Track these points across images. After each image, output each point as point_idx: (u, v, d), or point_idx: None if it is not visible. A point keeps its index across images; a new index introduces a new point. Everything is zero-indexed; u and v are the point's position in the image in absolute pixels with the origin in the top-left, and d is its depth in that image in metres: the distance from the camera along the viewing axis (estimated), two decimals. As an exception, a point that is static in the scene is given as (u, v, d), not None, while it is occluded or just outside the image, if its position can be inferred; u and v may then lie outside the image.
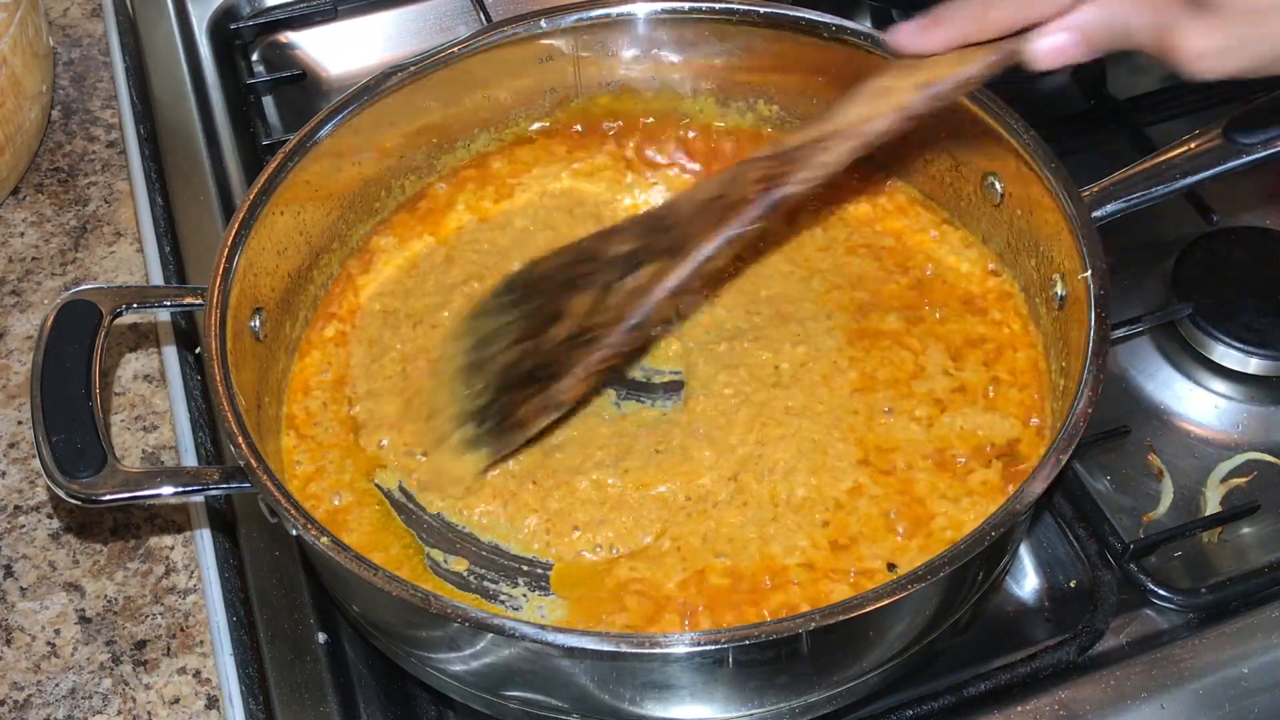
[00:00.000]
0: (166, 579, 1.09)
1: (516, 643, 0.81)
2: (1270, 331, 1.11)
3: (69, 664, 1.05)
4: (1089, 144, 1.32)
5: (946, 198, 1.15)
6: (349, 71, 1.46)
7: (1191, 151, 1.01)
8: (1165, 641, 0.98)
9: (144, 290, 1.09)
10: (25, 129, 1.34)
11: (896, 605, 0.81)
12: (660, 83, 1.21)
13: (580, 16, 1.16)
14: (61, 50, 1.54)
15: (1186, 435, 1.11)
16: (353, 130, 1.10)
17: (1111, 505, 1.06)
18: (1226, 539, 1.06)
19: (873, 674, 0.90)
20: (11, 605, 1.08)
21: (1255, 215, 1.25)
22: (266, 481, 0.87)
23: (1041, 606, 1.03)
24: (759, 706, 0.88)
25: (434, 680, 0.93)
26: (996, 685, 0.96)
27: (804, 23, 1.13)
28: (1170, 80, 1.40)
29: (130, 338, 1.25)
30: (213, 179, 1.30)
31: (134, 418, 1.20)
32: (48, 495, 1.15)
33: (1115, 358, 1.15)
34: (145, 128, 1.35)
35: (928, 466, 1.00)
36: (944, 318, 1.09)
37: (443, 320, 1.09)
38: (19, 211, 1.38)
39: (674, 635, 0.79)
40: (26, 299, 1.30)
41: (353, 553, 0.84)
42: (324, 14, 1.48)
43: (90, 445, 0.90)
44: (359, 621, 0.96)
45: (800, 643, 0.81)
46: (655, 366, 1.08)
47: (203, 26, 1.46)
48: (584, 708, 0.88)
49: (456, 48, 1.14)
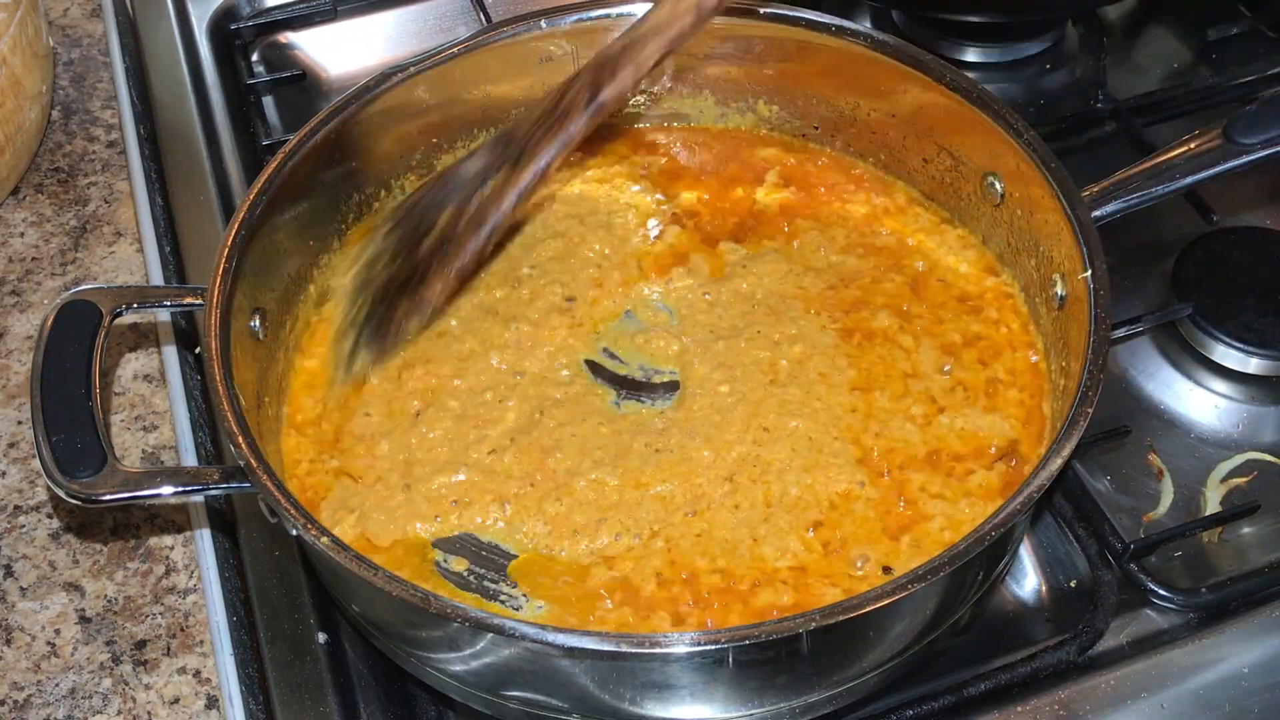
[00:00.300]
0: (166, 579, 1.09)
1: (516, 643, 0.81)
2: (1270, 331, 1.11)
3: (69, 664, 1.05)
4: (1089, 144, 1.32)
5: (946, 197, 1.15)
6: (349, 71, 1.46)
7: (1191, 151, 1.01)
8: (1165, 641, 0.98)
9: (144, 290, 1.09)
10: (25, 129, 1.34)
11: (896, 605, 0.81)
12: (660, 83, 1.21)
13: (580, 16, 1.16)
14: (61, 50, 1.54)
15: (1186, 435, 1.11)
16: (353, 130, 1.10)
17: (1111, 505, 1.06)
18: (1226, 539, 1.06)
19: (873, 674, 0.90)
20: (11, 605, 1.08)
21: (1255, 215, 1.25)
22: (266, 481, 0.87)
23: (1041, 606, 1.03)
24: (759, 706, 0.88)
25: (434, 680, 0.93)
26: (996, 685, 0.96)
27: (804, 22, 1.14)
28: (1170, 80, 1.40)
29: (130, 338, 1.25)
30: (213, 179, 1.30)
31: (134, 418, 1.20)
32: (48, 495, 1.15)
33: (1115, 358, 1.15)
34: (145, 128, 1.35)
35: (925, 467, 1.00)
36: (942, 317, 1.09)
37: (450, 328, 1.10)
38: (19, 211, 1.38)
39: (674, 635, 0.79)
40: (26, 299, 1.30)
41: (353, 553, 0.84)
42: (324, 14, 1.48)
43: (90, 445, 0.90)
44: (359, 621, 0.96)
45: (800, 643, 0.81)
46: (654, 366, 1.08)
47: (203, 26, 1.46)
48: (584, 708, 0.88)
49: (456, 48, 1.14)
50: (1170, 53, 1.44)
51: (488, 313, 1.11)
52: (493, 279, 1.14)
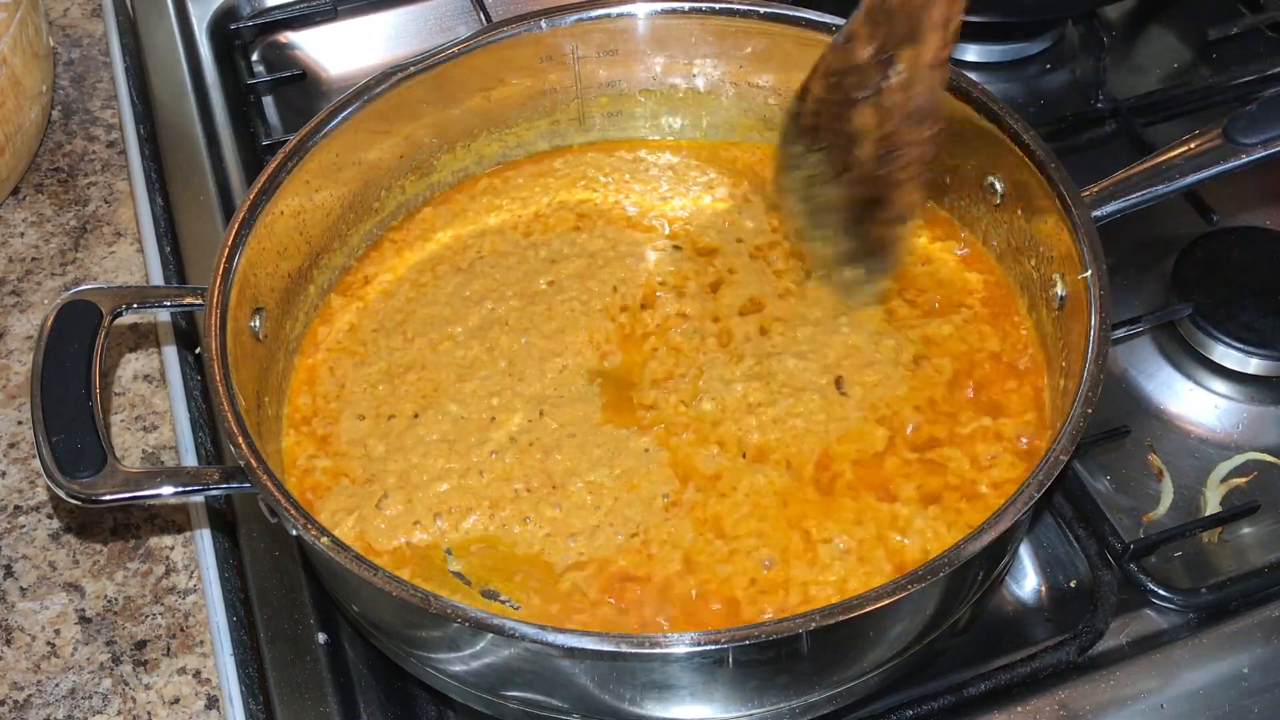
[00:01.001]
0: (166, 579, 1.09)
1: (516, 643, 0.81)
2: (1270, 331, 1.11)
3: (69, 664, 1.05)
4: (1089, 144, 1.32)
5: (946, 197, 1.15)
6: (349, 71, 1.46)
7: (1191, 151, 1.01)
8: (1165, 641, 0.98)
9: (144, 290, 1.09)
10: (25, 129, 1.34)
11: (896, 605, 0.81)
12: (660, 83, 1.21)
13: (580, 16, 1.16)
14: (61, 50, 1.54)
15: (1186, 435, 1.11)
16: (353, 130, 1.10)
17: (1111, 505, 1.06)
18: (1226, 539, 1.06)
19: (873, 674, 0.90)
20: (11, 605, 1.08)
21: (1255, 215, 1.25)
22: (266, 481, 0.87)
23: (1041, 606, 1.03)
24: (759, 706, 0.88)
25: (434, 680, 0.93)
26: (996, 685, 0.96)
27: (804, 22, 1.14)
28: (1170, 80, 1.40)
29: (130, 338, 1.25)
30: (213, 179, 1.30)
31: (134, 418, 1.20)
32: (48, 495, 1.15)
33: (1115, 358, 1.15)
34: (145, 128, 1.35)
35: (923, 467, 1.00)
36: (941, 317, 1.09)
37: (453, 334, 1.10)
38: (19, 211, 1.38)
39: (674, 635, 0.79)
40: (26, 299, 1.30)
41: (353, 552, 0.84)
42: (324, 14, 1.48)
43: (90, 445, 0.90)
44: (359, 621, 0.96)
45: (800, 643, 0.81)
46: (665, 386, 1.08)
47: (203, 26, 1.46)
48: (584, 708, 0.88)
49: (456, 48, 1.14)
50: (1170, 53, 1.44)
51: (496, 323, 1.10)
52: (508, 288, 1.13)
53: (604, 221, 1.18)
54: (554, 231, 1.17)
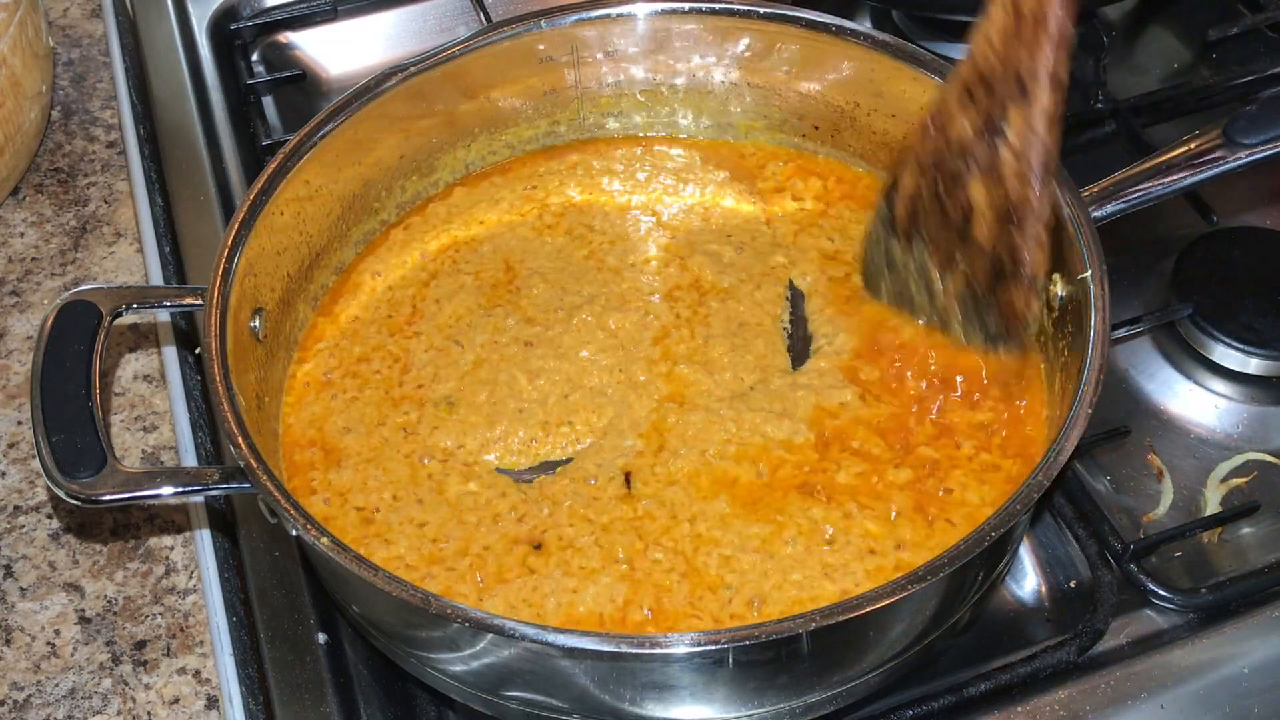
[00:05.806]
0: (166, 579, 1.09)
1: (516, 643, 0.81)
2: (1270, 331, 1.11)
3: (69, 664, 1.05)
4: (1089, 144, 1.32)
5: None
6: (349, 71, 1.46)
7: (1191, 151, 1.01)
8: (1165, 641, 0.98)
9: (144, 290, 1.09)
10: (25, 129, 1.34)
11: (896, 605, 0.81)
12: (660, 83, 1.21)
13: (580, 16, 1.16)
14: (61, 50, 1.54)
15: (1186, 435, 1.11)
16: (353, 130, 1.10)
17: (1111, 505, 1.06)
18: (1226, 539, 1.06)
19: (873, 674, 0.90)
20: (11, 605, 1.08)
21: (1255, 215, 1.25)
22: (266, 482, 0.87)
23: (1041, 606, 1.03)
24: (759, 706, 0.88)
25: (434, 680, 0.93)
26: (996, 685, 0.96)
27: (804, 22, 1.14)
28: (1170, 80, 1.40)
29: (130, 338, 1.25)
30: (213, 179, 1.30)
31: (134, 418, 1.20)
32: (48, 495, 1.15)
33: (1115, 358, 1.15)
34: (145, 128, 1.35)
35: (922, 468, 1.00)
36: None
37: (453, 334, 1.10)
38: (19, 211, 1.38)
39: (674, 635, 0.80)
40: (26, 299, 1.30)
41: (353, 553, 0.84)
42: (324, 14, 1.48)
43: (90, 445, 0.90)
44: (359, 621, 0.96)
45: (800, 643, 0.81)
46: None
47: (203, 26, 1.46)
48: (584, 708, 0.88)
49: (456, 48, 1.14)
50: (1170, 53, 1.44)
51: (514, 339, 1.09)
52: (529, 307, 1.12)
53: (604, 220, 1.18)
54: (554, 231, 1.17)
